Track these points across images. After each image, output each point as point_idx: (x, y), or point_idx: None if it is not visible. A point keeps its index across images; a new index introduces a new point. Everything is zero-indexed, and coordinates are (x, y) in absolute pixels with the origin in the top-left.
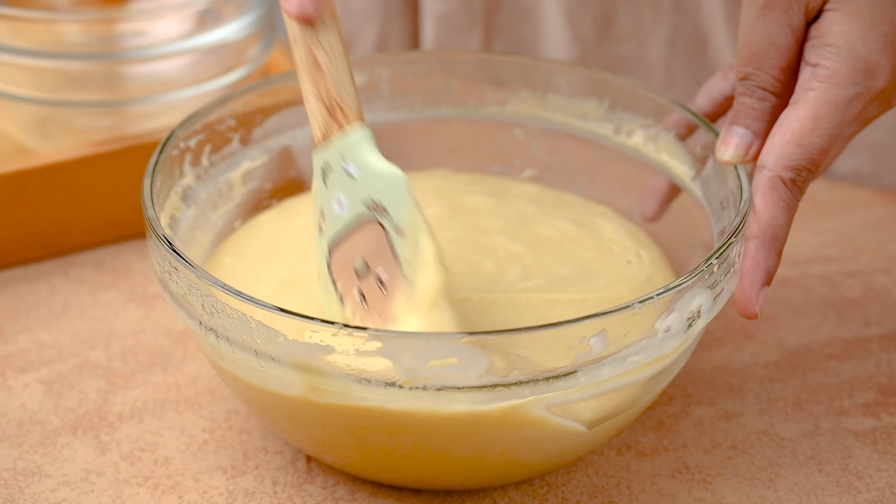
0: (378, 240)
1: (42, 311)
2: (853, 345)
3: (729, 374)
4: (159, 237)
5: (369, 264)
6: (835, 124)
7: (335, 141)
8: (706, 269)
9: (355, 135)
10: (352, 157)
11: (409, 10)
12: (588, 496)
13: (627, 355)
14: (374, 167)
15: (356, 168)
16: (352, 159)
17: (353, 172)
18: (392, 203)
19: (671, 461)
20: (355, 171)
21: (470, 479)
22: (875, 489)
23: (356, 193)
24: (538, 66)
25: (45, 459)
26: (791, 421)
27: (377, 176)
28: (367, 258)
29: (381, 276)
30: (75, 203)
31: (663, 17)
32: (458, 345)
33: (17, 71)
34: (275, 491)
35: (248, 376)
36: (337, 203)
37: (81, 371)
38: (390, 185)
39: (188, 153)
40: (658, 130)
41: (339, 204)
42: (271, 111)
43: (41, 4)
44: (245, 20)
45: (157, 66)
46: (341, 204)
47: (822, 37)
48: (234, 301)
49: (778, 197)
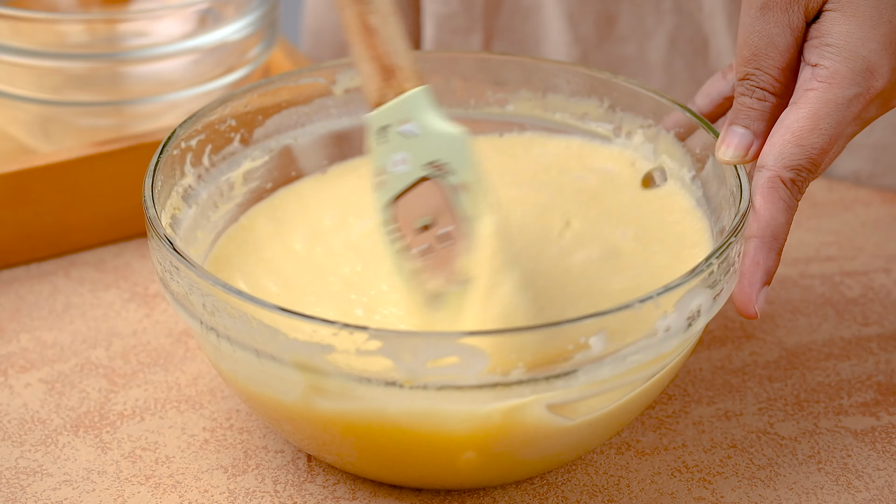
0: (440, 196)
1: (43, 310)
2: (852, 344)
3: (728, 374)
4: (160, 237)
5: (433, 219)
6: (834, 124)
7: (394, 103)
8: (706, 269)
9: (415, 95)
10: (413, 116)
11: (410, 10)
12: (588, 495)
13: (627, 355)
14: (436, 127)
15: (418, 128)
16: (413, 119)
17: (414, 132)
18: (455, 161)
19: (671, 460)
20: (417, 130)
21: (470, 479)
22: (874, 488)
23: (418, 152)
24: (538, 66)
25: (47, 458)
26: (790, 420)
27: (439, 135)
28: (431, 214)
29: (446, 231)
30: (77, 203)
31: (664, 17)
32: (458, 344)
33: (18, 71)
34: (276, 490)
35: (249, 375)
36: (398, 162)
37: (83, 370)
38: (452, 144)
39: (189, 153)
40: (658, 130)
41: (400, 163)
42: (272, 111)
43: (43, 5)
44: (246, 20)
45: (159, 66)
46: (404, 162)
47: (822, 37)
48: (234, 300)
49: (778, 197)
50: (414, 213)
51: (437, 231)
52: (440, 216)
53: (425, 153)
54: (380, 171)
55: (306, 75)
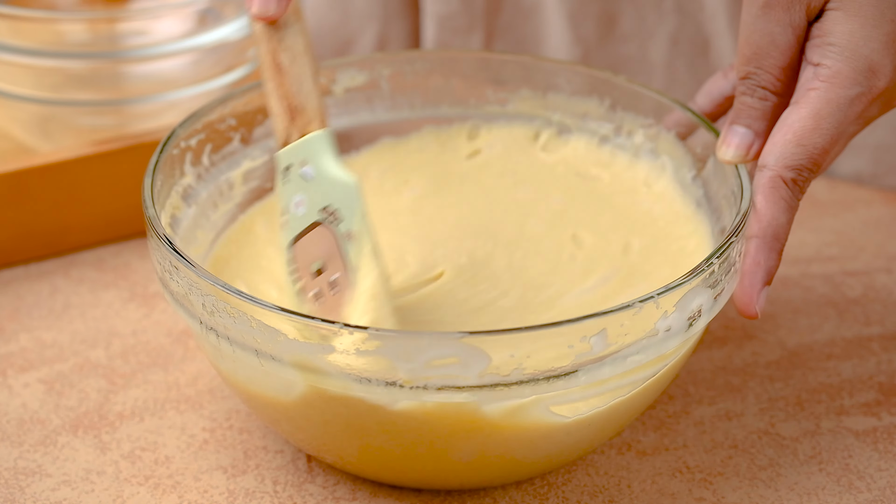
0: (331, 243)
1: (43, 310)
2: (854, 344)
3: (729, 374)
4: (160, 236)
5: (324, 265)
6: (836, 124)
7: (295, 144)
8: (707, 269)
9: (313, 139)
10: (310, 160)
11: (410, 10)
12: (588, 496)
13: (628, 355)
14: (328, 172)
15: (313, 172)
16: (310, 163)
17: (310, 175)
18: (344, 208)
19: (672, 460)
20: (313, 174)
21: (470, 479)
22: (876, 488)
23: (314, 196)
24: (539, 65)
25: (46, 459)
26: (792, 420)
27: (331, 181)
28: (322, 259)
29: (335, 277)
30: (76, 202)
31: (666, 17)
32: (458, 344)
33: (18, 70)
34: (275, 490)
35: (249, 376)
36: (296, 204)
37: (82, 370)
38: (343, 191)
39: (189, 152)
40: (658, 130)
41: (298, 205)
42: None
43: (42, 4)
44: (246, 19)
45: (158, 66)
46: (300, 205)
47: (824, 36)
48: (234, 300)
49: (779, 197)
50: (309, 256)
51: (328, 277)
52: (331, 262)
53: (320, 198)
54: (283, 210)
55: None
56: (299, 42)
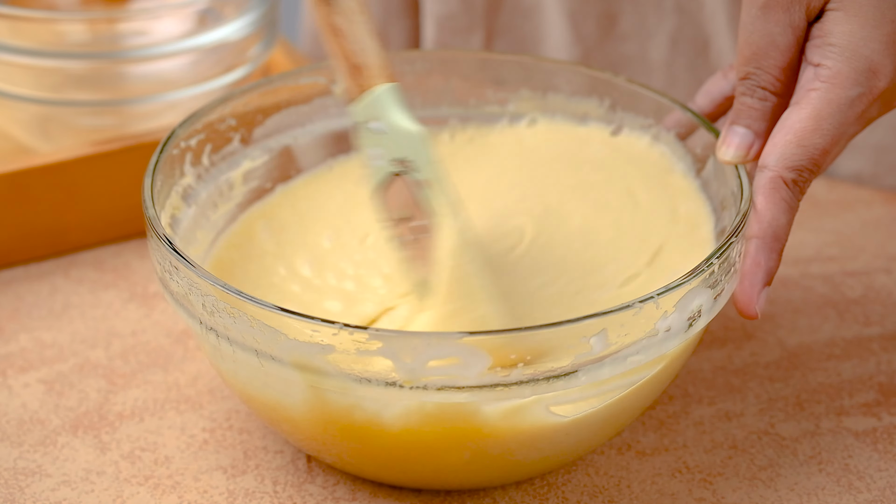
0: (410, 192)
1: (42, 310)
2: (853, 344)
3: (729, 374)
4: (160, 237)
5: (410, 213)
6: (837, 125)
7: (362, 101)
8: (707, 269)
9: (379, 95)
10: (378, 115)
11: (410, 10)
12: (588, 496)
13: (628, 355)
14: (396, 125)
15: (383, 125)
16: (378, 117)
17: (381, 129)
18: (417, 158)
19: (671, 461)
20: (383, 128)
21: (470, 479)
22: (875, 489)
23: (387, 149)
24: (539, 65)
25: (46, 459)
26: (791, 421)
27: (400, 133)
28: (406, 206)
29: (419, 223)
30: (76, 202)
31: (666, 17)
32: (458, 344)
33: (17, 70)
34: (275, 490)
35: (249, 376)
36: (375, 157)
37: (82, 370)
38: (411, 141)
39: (189, 152)
40: (658, 130)
41: (374, 158)
42: (272, 111)
43: (42, 4)
44: (246, 20)
45: (158, 66)
46: (377, 157)
47: (825, 36)
48: (234, 300)
49: (779, 197)
50: (395, 205)
51: (414, 223)
52: (415, 210)
53: (393, 150)
54: (364, 163)
55: (306, 75)
56: (352, 4)
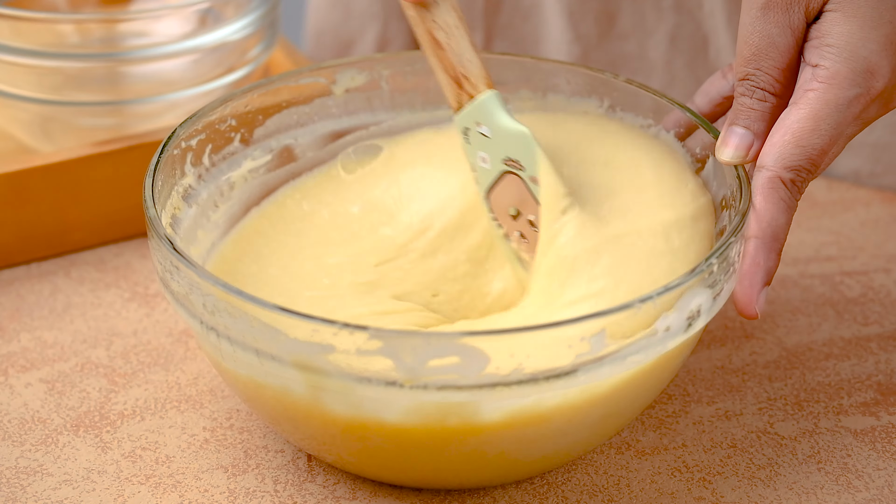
0: (520, 188)
1: (44, 310)
2: (852, 344)
3: (728, 374)
4: (161, 236)
5: (519, 209)
6: (835, 125)
7: (467, 107)
8: (706, 269)
9: (483, 101)
10: (483, 119)
11: None
12: (588, 495)
13: (627, 355)
14: (503, 127)
15: (489, 129)
16: (484, 122)
17: (487, 133)
18: (523, 156)
19: (671, 460)
20: (489, 131)
21: (470, 479)
22: (874, 488)
23: (494, 151)
24: (538, 65)
25: (47, 458)
26: (790, 420)
27: (506, 134)
28: (517, 204)
29: (531, 219)
30: (77, 202)
31: (664, 16)
32: (458, 344)
33: (18, 71)
34: (276, 490)
35: (249, 375)
36: (482, 160)
37: (83, 370)
38: (519, 141)
39: (189, 153)
40: (658, 130)
41: (483, 160)
42: (272, 111)
43: (43, 5)
44: (246, 20)
45: (159, 66)
46: (485, 160)
47: (823, 37)
48: (234, 300)
49: (778, 197)
50: (505, 204)
51: (526, 217)
52: (524, 205)
53: (500, 151)
54: (472, 167)
55: (306, 75)
56: (451, 17)
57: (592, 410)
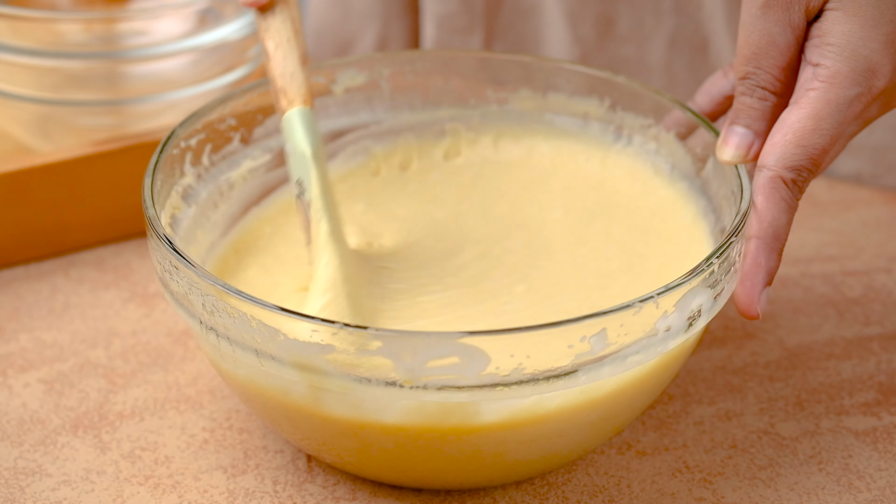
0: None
1: (43, 310)
2: (853, 344)
3: (729, 374)
4: (160, 236)
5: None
6: (836, 124)
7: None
8: (707, 269)
9: (287, 118)
10: (287, 138)
11: (410, 10)
12: (588, 495)
13: (628, 354)
14: (295, 146)
15: (290, 147)
16: (287, 140)
17: (289, 151)
18: (305, 179)
19: (671, 460)
20: (290, 149)
21: (470, 479)
22: (875, 488)
23: (292, 170)
24: (539, 65)
25: (46, 458)
26: (791, 420)
27: (295, 154)
28: (304, 228)
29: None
30: (76, 202)
31: (664, 18)
32: (458, 344)
33: (18, 70)
34: (275, 490)
35: (249, 375)
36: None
37: (82, 370)
38: (301, 162)
39: (189, 152)
40: (658, 130)
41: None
42: (272, 110)
43: (42, 4)
44: (246, 19)
45: (158, 66)
46: (291, 177)
47: (824, 36)
48: (234, 300)
49: (779, 197)
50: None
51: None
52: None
53: (294, 171)
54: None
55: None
56: (286, 29)
57: (593, 411)
